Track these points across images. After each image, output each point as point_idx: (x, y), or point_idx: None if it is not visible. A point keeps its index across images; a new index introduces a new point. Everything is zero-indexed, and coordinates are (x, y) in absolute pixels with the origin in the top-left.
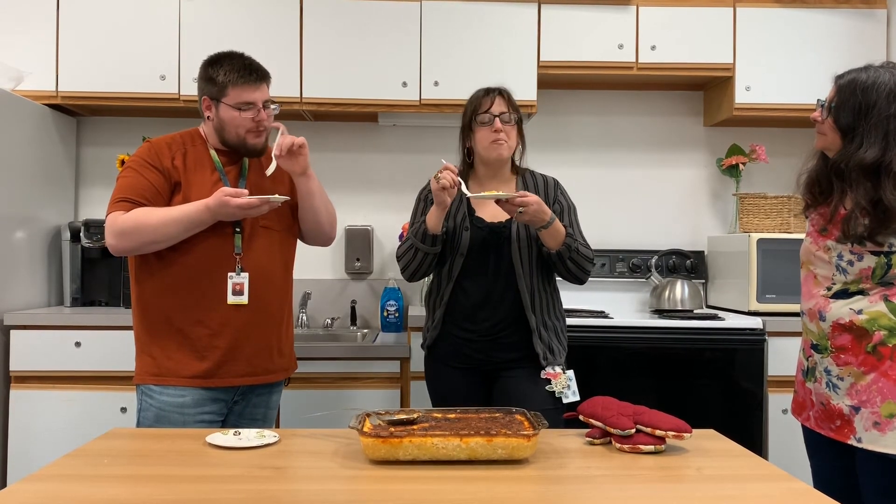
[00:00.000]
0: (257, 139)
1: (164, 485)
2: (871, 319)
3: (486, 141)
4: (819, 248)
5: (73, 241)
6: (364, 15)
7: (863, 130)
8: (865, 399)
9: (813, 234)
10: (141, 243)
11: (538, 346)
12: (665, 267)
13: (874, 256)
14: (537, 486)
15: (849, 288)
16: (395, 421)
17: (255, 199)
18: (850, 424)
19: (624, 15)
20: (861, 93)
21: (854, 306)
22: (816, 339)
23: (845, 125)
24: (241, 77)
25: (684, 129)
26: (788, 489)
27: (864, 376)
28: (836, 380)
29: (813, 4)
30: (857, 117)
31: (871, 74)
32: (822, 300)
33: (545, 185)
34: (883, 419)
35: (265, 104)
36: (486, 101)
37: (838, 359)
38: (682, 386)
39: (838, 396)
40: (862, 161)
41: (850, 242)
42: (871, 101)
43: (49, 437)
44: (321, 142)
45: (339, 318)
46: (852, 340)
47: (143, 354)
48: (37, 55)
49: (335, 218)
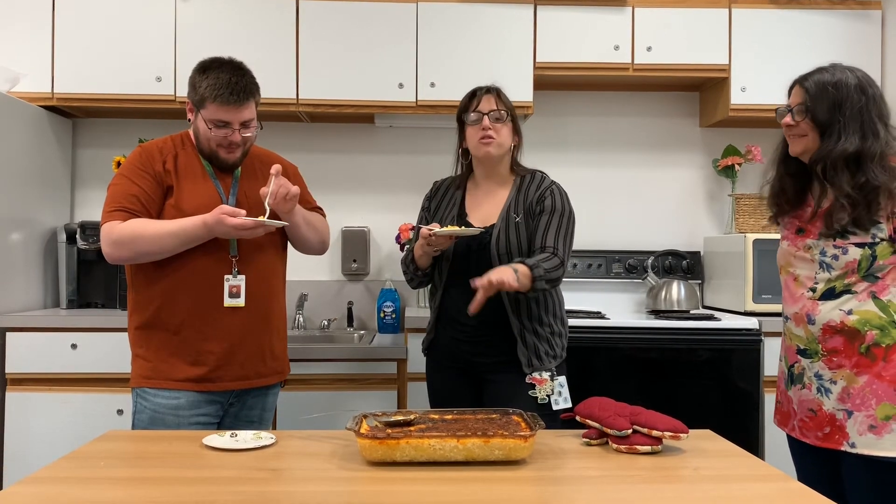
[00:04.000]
0: (229, 155)
1: (160, 487)
2: (863, 320)
3: (475, 139)
4: (798, 248)
5: (69, 242)
6: (360, 16)
7: (840, 124)
8: (860, 402)
9: (789, 236)
10: (137, 254)
11: (521, 352)
12: (661, 267)
13: (859, 249)
14: (534, 486)
15: (835, 286)
16: (392, 422)
17: (251, 221)
18: (841, 430)
19: (620, 16)
20: (832, 88)
21: (844, 307)
22: (804, 343)
23: (823, 122)
24: (220, 96)
25: (680, 130)
26: (784, 489)
27: (857, 378)
28: (827, 384)
29: (808, 5)
30: (832, 112)
31: (834, 73)
32: (810, 303)
33: (538, 188)
34: (879, 422)
35: (244, 124)
36: (474, 101)
37: (830, 362)
38: (679, 386)
39: (830, 401)
40: (844, 152)
41: (834, 236)
42: (842, 96)
43: (45, 440)
44: (317, 143)
45: (336, 320)
46: (844, 342)
47: (137, 358)
48: (32, 57)
49: (327, 233)
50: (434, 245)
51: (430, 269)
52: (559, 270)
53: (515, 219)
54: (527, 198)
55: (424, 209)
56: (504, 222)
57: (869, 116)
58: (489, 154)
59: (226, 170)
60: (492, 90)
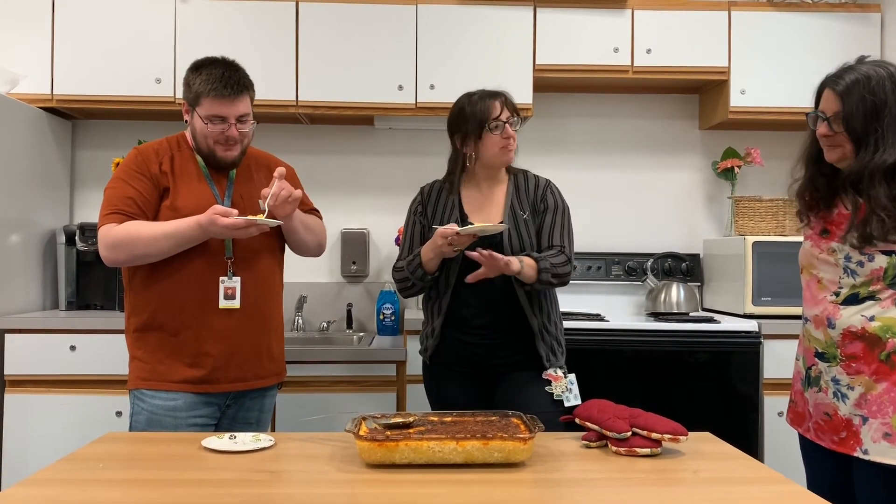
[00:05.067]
0: (227, 152)
1: (159, 489)
2: (885, 326)
3: (496, 147)
4: (822, 250)
5: (69, 244)
6: (360, 18)
7: (877, 134)
8: (876, 409)
9: (813, 237)
10: (133, 256)
11: (541, 347)
12: (661, 270)
13: (885, 256)
14: (534, 489)
15: (859, 292)
16: (392, 424)
17: (242, 220)
18: (856, 436)
19: (619, 18)
20: (869, 93)
21: (866, 313)
22: (823, 347)
23: (860, 132)
24: (214, 90)
25: (680, 133)
26: (784, 492)
27: (876, 385)
28: (845, 389)
29: (807, 8)
30: (868, 121)
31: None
32: (832, 307)
33: (536, 186)
34: (895, 430)
35: (240, 119)
36: (494, 107)
37: (849, 367)
38: (678, 389)
39: (846, 406)
40: (884, 164)
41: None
42: (880, 102)
43: (44, 441)
44: (317, 145)
45: (335, 322)
46: (864, 348)
47: (135, 360)
48: (32, 58)
49: (323, 235)
50: (456, 245)
51: (436, 273)
52: (567, 266)
53: (523, 216)
54: (528, 195)
55: (419, 214)
56: (512, 220)
57: None
58: (510, 161)
59: (223, 169)
60: (501, 94)
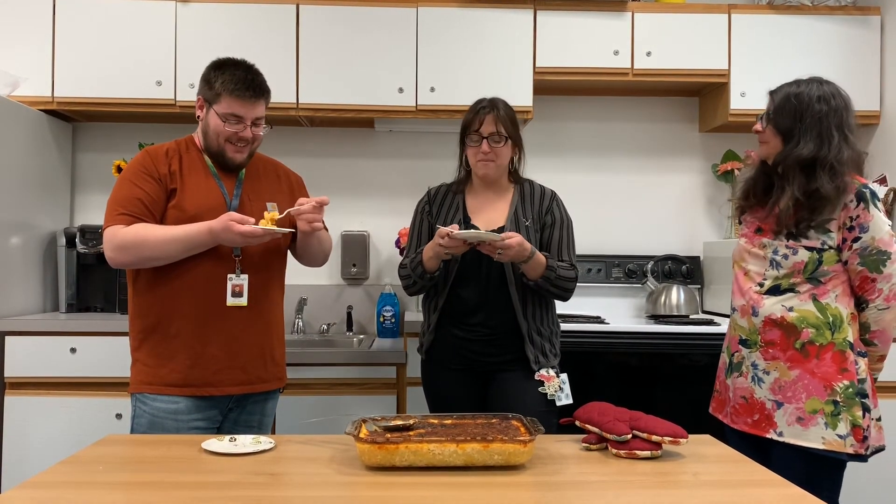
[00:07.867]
0: (237, 154)
1: (159, 491)
2: (801, 317)
3: (474, 159)
4: (754, 245)
5: (69, 246)
6: (361, 20)
7: (800, 131)
8: (791, 395)
9: (748, 234)
10: (140, 259)
11: (529, 350)
12: (661, 272)
13: (807, 252)
14: (534, 492)
15: (781, 283)
16: (392, 427)
17: (260, 229)
18: (770, 419)
19: (619, 21)
20: (795, 99)
21: (786, 304)
22: (746, 334)
23: (785, 128)
24: (236, 89)
25: (679, 135)
26: (784, 495)
27: (790, 372)
28: (761, 374)
29: (807, 11)
30: (793, 120)
31: (801, 86)
32: (756, 296)
33: (541, 197)
34: (807, 415)
35: (255, 121)
36: (476, 121)
37: (766, 353)
38: (678, 391)
39: (762, 390)
40: (800, 156)
41: (785, 237)
42: (804, 105)
43: (44, 444)
44: (317, 147)
45: (336, 324)
46: (782, 336)
47: (137, 363)
48: (33, 61)
49: (330, 248)
50: (447, 247)
51: (437, 272)
52: (572, 283)
53: (526, 223)
54: (533, 205)
55: (426, 213)
56: (514, 225)
57: (827, 125)
58: (487, 175)
59: (231, 170)
60: (494, 108)
